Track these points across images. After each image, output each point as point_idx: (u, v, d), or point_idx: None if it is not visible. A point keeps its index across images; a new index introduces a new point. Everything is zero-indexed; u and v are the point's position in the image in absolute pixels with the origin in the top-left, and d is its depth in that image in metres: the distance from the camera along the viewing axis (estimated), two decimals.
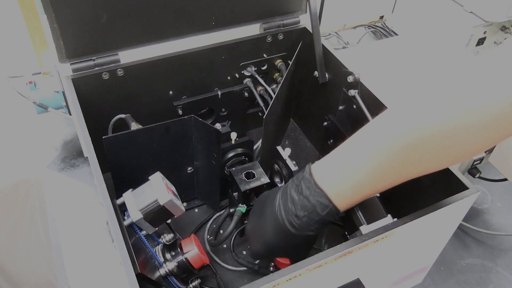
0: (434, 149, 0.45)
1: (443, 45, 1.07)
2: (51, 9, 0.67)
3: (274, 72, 0.93)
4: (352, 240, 0.54)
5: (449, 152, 0.45)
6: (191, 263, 0.67)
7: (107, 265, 0.78)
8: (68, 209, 0.88)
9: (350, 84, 0.76)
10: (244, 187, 0.74)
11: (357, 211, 0.65)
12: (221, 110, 0.91)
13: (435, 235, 0.68)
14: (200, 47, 0.82)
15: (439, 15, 1.24)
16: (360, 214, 0.65)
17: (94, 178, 0.59)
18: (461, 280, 0.82)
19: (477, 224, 0.90)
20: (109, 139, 0.68)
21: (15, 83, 0.93)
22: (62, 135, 1.04)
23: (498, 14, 1.13)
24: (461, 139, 0.43)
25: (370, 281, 0.62)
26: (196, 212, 0.86)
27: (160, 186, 0.64)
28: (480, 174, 0.91)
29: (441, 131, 0.43)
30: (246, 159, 0.81)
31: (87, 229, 0.84)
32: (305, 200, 0.53)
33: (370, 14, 1.41)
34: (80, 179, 0.94)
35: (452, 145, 0.44)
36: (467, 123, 0.42)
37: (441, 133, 0.43)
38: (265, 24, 0.86)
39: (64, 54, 0.72)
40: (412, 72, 0.99)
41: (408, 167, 0.48)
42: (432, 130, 0.44)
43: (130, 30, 0.75)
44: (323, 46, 0.83)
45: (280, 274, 0.50)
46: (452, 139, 0.44)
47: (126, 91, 0.80)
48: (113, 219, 0.54)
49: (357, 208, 0.66)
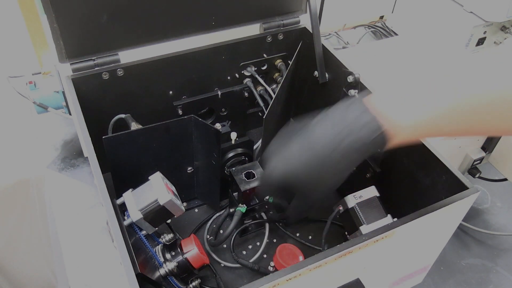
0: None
1: (443, 45, 1.07)
2: (51, 9, 0.67)
3: (274, 72, 0.93)
4: (352, 240, 0.54)
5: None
6: (191, 263, 0.67)
7: (107, 265, 0.78)
8: (68, 209, 0.88)
9: (350, 84, 0.76)
10: (244, 187, 0.74)
11: (357, 211, 0.66)
12: (221, 110, 0.91)
13: (435, 235, 0.68)
14: (200, 47, 0.82)
15: (439, 15, 1.24)
16: (360, 214, 0.65)
17: (94, 178, 0.59)
18: (461, 280, 0.82)
19: (477, 224, 0.90)
20: (109, 139, 0.68)
21: (15, 83, 0.93)
22: (62, 135, 1.04)
23: (498, 14, 1.13)
24: None
25: (370, 281, 0.62)
26: (196, 212, 0.86)
27: (160, 186, 0.64)
28: (480, 174, 0.92)
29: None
30: (246, 159, 0.81)
31: (87, 229, 0.84)
32: (353, 122, 0.49)
33: (370, 14, 1.41)
34: (80, 179, 0.94)
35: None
36: None
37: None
38: (265, 24, 0.86)
39: (64, 54, 0.72)
40: (412, 72, 0.99)
41: (491, 121, 0.47)
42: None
43: (130, 30, 0.75)
44: (323, 46, 0.83)
45: (280, 274, 0.50)
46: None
47: (126, 91, 0.80)
48: (113, 219, 0.54)
49: (357, 208, 0.66)
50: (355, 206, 0.66)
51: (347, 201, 0.67)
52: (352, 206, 0.66)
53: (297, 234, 0.83)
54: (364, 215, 0.65)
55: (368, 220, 0.64)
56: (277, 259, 0.74)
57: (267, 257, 0.79)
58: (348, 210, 0.66)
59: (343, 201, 0.67)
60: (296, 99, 0.99)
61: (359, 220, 0.65)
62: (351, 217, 0.66)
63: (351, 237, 0.66)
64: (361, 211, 0.65)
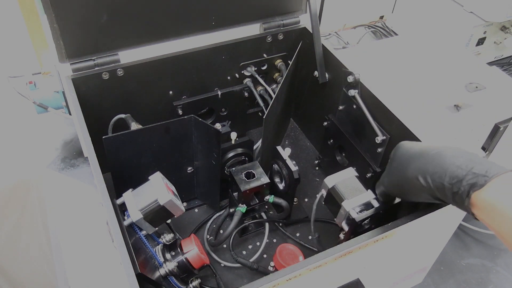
0: None
1: (443, 45, 1.07)
2: (51, 9, 0.67)
3: (274, 72, 0.93)
4: (352, 240, 0.54)
5: None
6: (191, 263, 0.67)
7: (107, 265, 0.78)
8: (68, 209, 0.88)
9: (350, 84, 0.76)
10: (244, 187, 0.74)
11: (337, 189, 0.66)
12: (221, 110, 0.91)
13: (435, 235, 0.68)
14: (200, 47, 0.82)
15: (439, 15, 1.24)
16: (340, 191, 0.66)
17: (94, 178, 0.59)
18: (461, 280, 0.82)
19: (477, 224, 0.90)
20: (109, 139, 0.68)
21: (15, 83, 0.93)
22: (62, 135, 1.04)
23: (498, 14, 1.13)
24: None
25: (370, 281, 0.62)
26: (196, 212, 0.86)
27: (160, 186, 0.64)
28: None
29: None
30: (246, 159, 0.81)
31: (87, 229, 0.84)
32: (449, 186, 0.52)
33: (370, 14, 1.41)
34: (80, 179, 0.94)
35: None
36: None
37: None
38: (265, 24, 0.86)
39: (64, 54, 0.72)
40: (412, 72, 0.99)
41: None
42: None
43: (130, 30, 0.75)
44: (323, 46, 0.83)
45: (280, 274, 0.50)
46: None
47: (126, 91, 0.80)
48: (113, 219, 0.54)
49: (337, 186, 0.66)
50: (335, 185, 0.67)
51: (327, 182, 0.67)
52: (332, 185, 0.67)
53: (297, 234, 0.83)
54: (345, 191, 0.66)
55: (349, 196, 0.65)
56: (277, 259, 0.74)
57: (267, 257, 0.79)
58: (329, 191, 0.67)
59: (324, 184, 0.68)
60: (296, 99, 0.99)
61: (340, 197, 0.65)
62: (333, 198, 0.66)
63: (337, 218, 0.66)
64: (341, 188, 0.66)
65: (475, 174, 0.49)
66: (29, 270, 0.80)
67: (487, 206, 0.48)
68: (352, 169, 0.70)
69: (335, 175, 0.68)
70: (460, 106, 0.89)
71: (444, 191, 0.52)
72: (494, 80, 0.96)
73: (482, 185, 0.48)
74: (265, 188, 0.75)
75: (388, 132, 0.72)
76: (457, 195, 0.51)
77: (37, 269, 0.80)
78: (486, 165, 0.50)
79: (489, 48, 1.26)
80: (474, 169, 0.50)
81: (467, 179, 0.50)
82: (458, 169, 0.51)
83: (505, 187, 0.48)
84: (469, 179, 0.50)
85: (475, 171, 0.50)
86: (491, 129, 0.87)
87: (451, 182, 0.51)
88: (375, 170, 0.75)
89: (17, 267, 0.80)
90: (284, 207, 0.79)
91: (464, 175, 0.50)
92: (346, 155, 0.85)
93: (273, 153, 0.80)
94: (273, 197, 0.78)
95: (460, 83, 0.95)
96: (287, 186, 0.78)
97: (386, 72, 0.99)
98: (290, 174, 0.76)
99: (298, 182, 0.76)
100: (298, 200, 0.88)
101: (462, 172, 0.50)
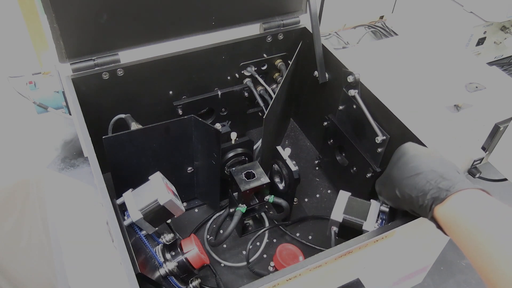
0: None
1: (443, 45, 1.07)
2: (51, 9, 0.67)
3: (274, 72, 0.93)
4: (352, 240, 0.54)
5: None
6: (191, 263, 0.67)
7: (107, 265, 0.78)
8: (68, 209, 0.88)
9: (350, 84, 0.76)
10: (244, 187, 0.74)
11: (349, 219, 0.65)
12: (221, 110, 0.91)
13: (435, 235, 0.67)
14: (200, 47, 0.82)
15: (439, 15, 1.24)
16: (353, 219, 0.64)
17: (94, 178, 0.59)
18: (461, 280, 0.82)
19: None
20: (109, 139, 0.68)
21: (15, 83, 0.93)
22: (62, 135, 1.04)
23: (498, 14, 1.13)
24: None
25: (370, 281, 0.62)
26: (196, 212, 0.86)
27: (160, 186, 0.64)
28: (480, 174, 0.91)
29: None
30: (246, 159, 0.81)
31: (87, 229, 0.84)
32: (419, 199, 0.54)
33: (370, 14, 1.41)
34: (80, 179, 0.94)
35: None
36: None
37: None
38: (265, 24, 0.86)
39: (64, 54, 0.72)
40: (412, 72, 0.99)
41: None
42: None
43: (130, 30, 0.75)
44: (323, 46, 0.83)
45: (280, 274, 0.50)
46: None
47: (126, 91, 0.80)
48: (113, 219, 0.54)
49: (346, 217, 0.65)
50: (345, 217, 0.65)
51: (335, 218, 0.65)
52: (342, 218, 0.65)
53: (297, 234, 0.83)
54: (357, 215, 0.65)
55: (362, 217, 0.64)
56: (277, 259, 0.74)
57: (267, 257, 0.79)
58: (341, 225, 0.65)
59: (332, 221, 0.66)
60: (296, 99, 0.99)
61: (356, 224, 0.64)
62: (349, 228, 0.65)
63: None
64: (351, 216, 0.65)
65: (439, 189, 0.52)
66: (29, 270, 0.80)
67: (446, 219, 0.51)
68: (344, 192, 0.68)
69: (336, 207, 0.66)
70: (460, 106, 0.89)
71: (412, 204, 0.55)
72: (494, 80, 0.96)
73: (442, 199, 0.51)
74: (265, 188, 0.75)
75: (388, 132, 0.72)
76: (422, 207, 0.53)
77: (37, 269, 0.80)
78: (454, 181, 0.52)
79: (489, 48, 1.26)
80: (440, 184, 0.52)
81: (431, 193, 0.52)
82: (427, 184, 0.53)
83: (463, 202, 0.50)
84: (433, 193, 0.52)
85: (440, 186, 0.52)
86: (491, 129, 0.87)
87: (417, 195, 0.54)
88: (375, 170, 0.75)
89: (17, 267, 0.80)
90: (284, 207, 0.78)
91: (429, 189, 0.53)
92: (346, 155, 0.85)
93: (273, 153, 0.80)
94: (273, 197, 0.78)
95: (460, 83, 0.95)
96: (287, 186, 0.78)
97: (386, 72, 0.99)
98: (290, 174, 0.76)
99: (298, 182, 0.76)
100: (298, 200, 0.88)
101: (429, 186, 0.53)
